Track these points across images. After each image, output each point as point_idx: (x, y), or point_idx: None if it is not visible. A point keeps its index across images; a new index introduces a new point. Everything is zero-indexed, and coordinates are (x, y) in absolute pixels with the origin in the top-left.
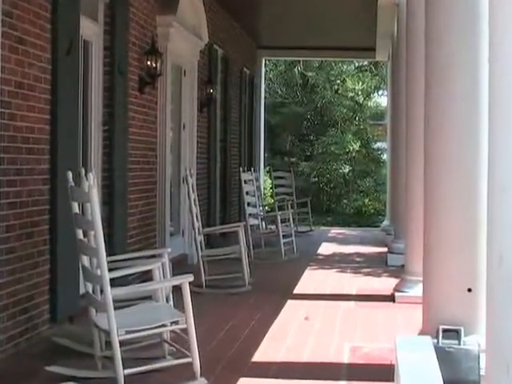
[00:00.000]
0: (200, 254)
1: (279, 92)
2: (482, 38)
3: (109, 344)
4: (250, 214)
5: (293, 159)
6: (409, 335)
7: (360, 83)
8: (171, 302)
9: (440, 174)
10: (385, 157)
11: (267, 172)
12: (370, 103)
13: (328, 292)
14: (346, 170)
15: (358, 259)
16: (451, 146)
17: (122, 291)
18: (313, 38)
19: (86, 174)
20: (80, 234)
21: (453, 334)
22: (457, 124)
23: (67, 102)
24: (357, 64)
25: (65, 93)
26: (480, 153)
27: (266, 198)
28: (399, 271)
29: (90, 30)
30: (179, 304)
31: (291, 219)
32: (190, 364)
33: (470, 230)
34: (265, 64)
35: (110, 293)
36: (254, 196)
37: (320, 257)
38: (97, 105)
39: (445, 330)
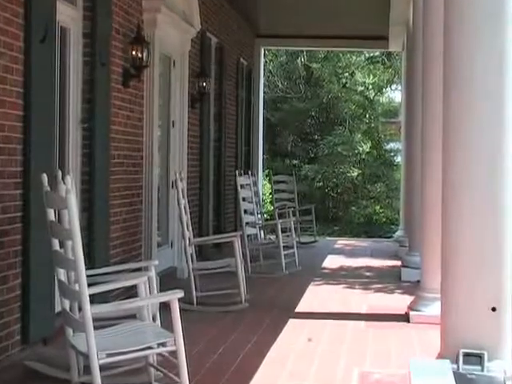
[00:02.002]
0: (191, 267)
1: (280, 86)
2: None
3: (88, 368)
4: (246, 223)
5: (295, 161)
6: (425, 359)
7: (371, 76)
8: (158, 322)
9: (461, 178)
10: (398, 159)
11: (266, 176)
12: (382, 99)
13: (334, 310)
14: (355, 174)
15: (368, 274)
16: (473, 148)
17: (103, 309)
18: (318, 26)
19: (63, 177)
20: (56, 244)
21: (475, 358)
22: (480, 123)
23: (42, 96)
24: (367, 55)
25: (39, 86)
26: (507, 155)
27: (265, 205)
28: (414, 287)
29: (68, 15)
30: (167, 323)
31: (293, 228)
32: None
33: (495, 241)
34: (264, 54)
35: (90, 311)
36: (252, 202)
37: (325, 271)
38: (75, 100)
39: (466, 354)
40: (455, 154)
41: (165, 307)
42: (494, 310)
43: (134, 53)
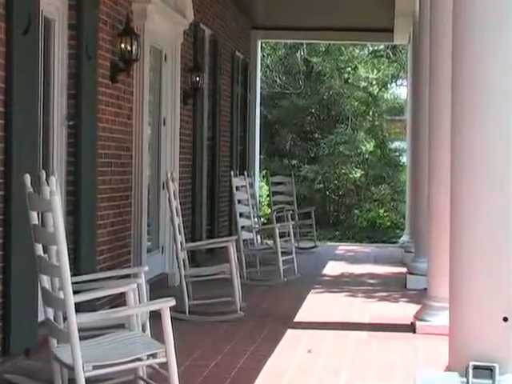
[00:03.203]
0: (183, 273)
1: (278, 81)
2: None
3: (73, 382)
4: (242, 227)
5: (294, 161)
6: (432, 372)
7: (375, 71)
8: (148, 332)
9: (470, 179)
10: (404, 159)
11: (263, 177)
12: (387, 95)
13: (336, 320)
14: (358, 175)
15: (371, 281)
16: (484, 147)
17: (90, 318)
18: (318, 17)
19: (46, 178)
20: (39, 249)
21: (486, 371)
22: (491, 121)
23: (24, 91)
24: (371, 48)
25: (22, 80)
26: None
27: (262, 208)
28: (421, 296)
29: (52, 5)
30: (158, 334)
31: (292, 233)
32: None
33: (507, 247)
34: (261, 48)
35: (75, 320)
36: (248, 205)
37: (326, 278)
38: (60, 95)
39: (476, 367)
40: (465, 152)
41: (155, 316)
42: (505, 320)
43: (122, 45)
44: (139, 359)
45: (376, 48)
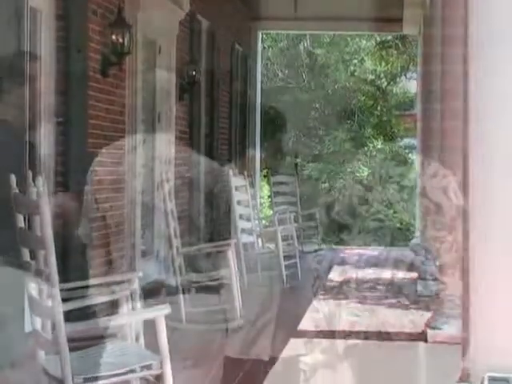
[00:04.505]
0: (179, 279)
1: (280, 75)
2: None
3: None
4: (242, 230)
5: (297, 160)
6: (445, 383)
7: (383, 63)
8: (142, 341)
9: (485, 182)
10: (414, 157)
11: (265, 176)
12: (396, 89)
13: (342, 328)
14: (365, 174)
15: (379, 287)
16: (500, 143)
17: (80, 327)
18: (322, 6)
19: (33, 179)
20: (26, 254)
21: (503, 383)
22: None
23: (9, 86)
24: (378, 39)
25: (7, 75)
26: None
27: (264, 209)
28: (432, 302)
29: None
30: (152, 344)
31: (295, 236)
32: None
33: None
34: (262, 39)
35: (64, 330)
36: (248, 206)
37: (331, 283)
38: (48, 91)
39: (492, 379)
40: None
41: (149, 325)
42: None
43: (114, 37)
44: (132, 371)
45: (384, 39)
